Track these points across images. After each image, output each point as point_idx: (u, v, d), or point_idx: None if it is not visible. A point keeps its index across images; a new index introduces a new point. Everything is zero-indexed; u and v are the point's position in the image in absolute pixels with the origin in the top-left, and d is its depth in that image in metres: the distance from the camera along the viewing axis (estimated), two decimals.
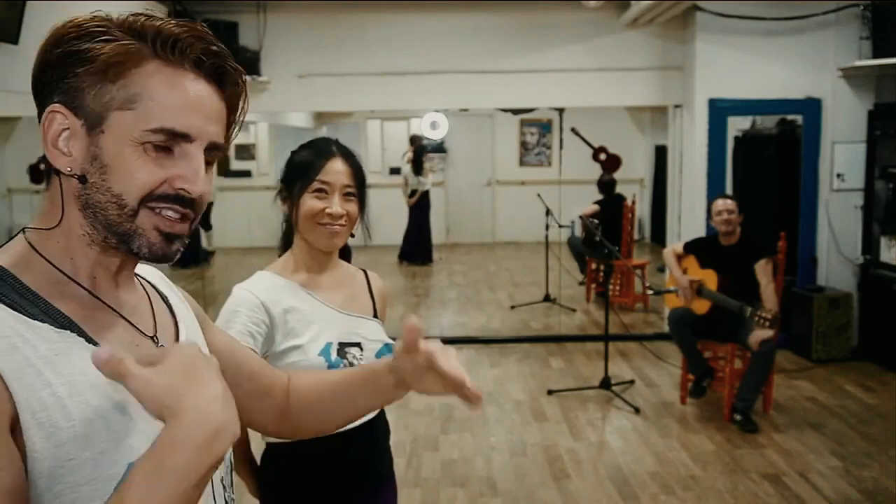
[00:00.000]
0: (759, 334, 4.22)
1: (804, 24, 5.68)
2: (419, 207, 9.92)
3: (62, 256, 0.84)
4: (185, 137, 0.82)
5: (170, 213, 0.83)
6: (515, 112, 10.76)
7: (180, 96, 0.82)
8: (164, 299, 1.00)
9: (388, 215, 10.16)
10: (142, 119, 0.80)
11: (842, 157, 5.73)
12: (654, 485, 3.64)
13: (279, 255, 1.80)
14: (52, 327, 0.78)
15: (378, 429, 1.73)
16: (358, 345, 1.68)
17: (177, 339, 0.96)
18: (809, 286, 5.70)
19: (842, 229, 5.75)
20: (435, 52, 6.10)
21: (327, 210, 1.63)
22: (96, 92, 0.80)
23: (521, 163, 11.86)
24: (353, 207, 1.67)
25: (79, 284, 0.84)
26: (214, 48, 0.85)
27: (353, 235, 1.72)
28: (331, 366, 1.62)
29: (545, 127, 11.71)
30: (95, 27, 0.81)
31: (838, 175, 5.75)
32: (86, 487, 0.75)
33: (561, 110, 8.74)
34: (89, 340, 0.80)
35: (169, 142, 0.81)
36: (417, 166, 9.89)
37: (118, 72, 0.80)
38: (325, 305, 1.69)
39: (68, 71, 0.80)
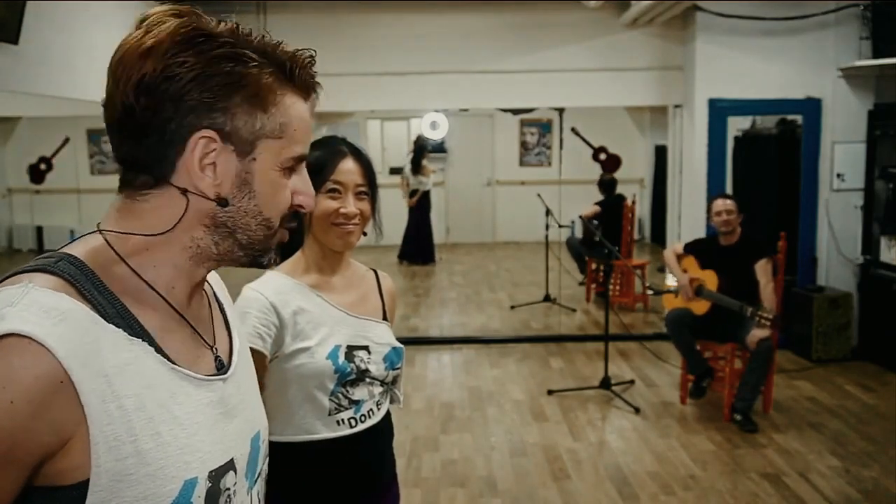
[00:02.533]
0: (757, 333, 4.22)
1: (804, 24, 5.68)
2: (420, 207, 9.92)
3: (146, 263, 0.83)
4: (303, 159, 0.89)
5: (288, 227, 0.90)
6: (515, 112, 10.76)
7: (307, 125, 0.89)
8: (220, 308, 1.01)
9: (389, 215, 10.11)
10: (287, 147, 0.85)
11: (842, 156, 5.73)
12: (654, 485, 3.64)
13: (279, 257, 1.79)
14: (126, 334, 0.77)
15: (383, 430, 1.73)
16: (366, 348, 1.67)
17: (230, 349, 0.96)
18: (809, 286, 5.70)
19: (842, 229, 5.75)
20: (435, 52, 6.10)
21: (342, 210, 1.63)
22: (248, 119, 0.82)
23: (521, 163, 11.86)
24: (366, 206, 1.66)
25: (156, 292, 0.83)
26: (315, 72, 0.92)
27: (365, 234, 1.71)
28: (338, 369, 1.62)
29: (545, 127, 11.71)
30: (238, 47, 0.82)
31: (838, 175, 5.75)
32: (141, 503, 0.74)
33: (561, 110, 8.75)
34: (158, 350, 0.80)
35: (296, 164, 0.88)
36: (416, 166, 9.89)
37: (269, 102, 0.83)
38: (335, 308, 1.68)
39: (215, 92, 0.80)
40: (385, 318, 1.78)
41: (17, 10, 3.45)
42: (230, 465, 0.86)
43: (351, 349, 1.65)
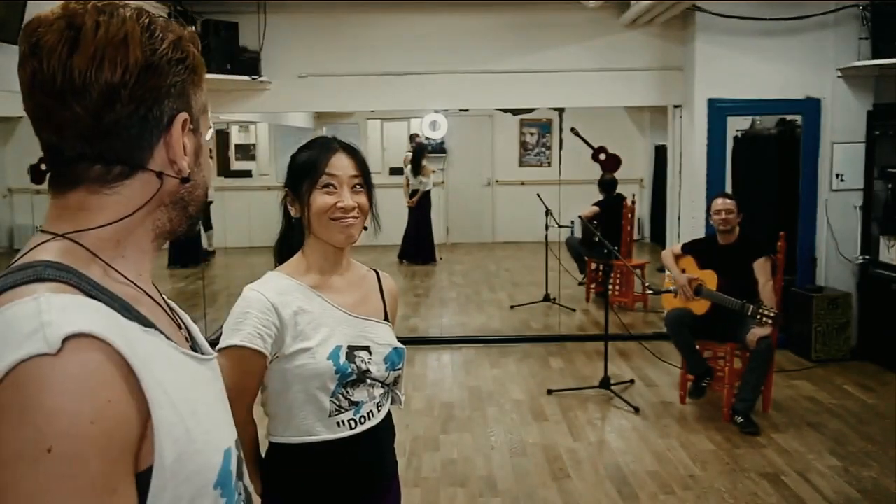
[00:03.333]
0: (757, 332, 4.22)
1: (804, 24, 5.69)
2: (420, 207, 9.93)
3: (117, 256, 0.83)
4: None
5: None
6: (515, 112, 10.76)
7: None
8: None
9: (389, 215, 10.11)
10: (208, 119, 0.91)
11: (841, 157, 5.73)
12: (654, 484, 3.64)
13: (275, 261, 1.78)
14: (140, 326, 0.77)
15: (384, 431, 1.73)
16: (367, 348, 1.67)
17: (188, 334, 0.97)
18: (809, 286, 5.70)
19: (841, 229, 5.76)
20: (435, 52, 6.10)
21: (339, 204, 1.62)
22: (196, 98, 0.87)
23: (521, 163, 11.86)
24: (363, 199, 1.66)
25: (131, 281, 0.83)
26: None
27: (366, 228, 1.70)
28: (338, 370, 1.61)
29: (545, 127, 11.72)
30: (167, 28, 0.84)
31: (837, 175, 5.75)
32: (194, 478, 0.77)
33: (561, 110, 8.75)
34: (167, 337, 0.82)
35: None
36: (416, 166, 9.90)
37: (202, 79, 0.88)
38: (336, 308, 1.67)
39: (178, 77, 0.83)
40: (386, 319, 1.77)
41: (18, 10, 3.45)
42: (236, 442, 0.90)
43: (352, 349, 1.64)
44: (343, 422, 1.63)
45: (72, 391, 0.67)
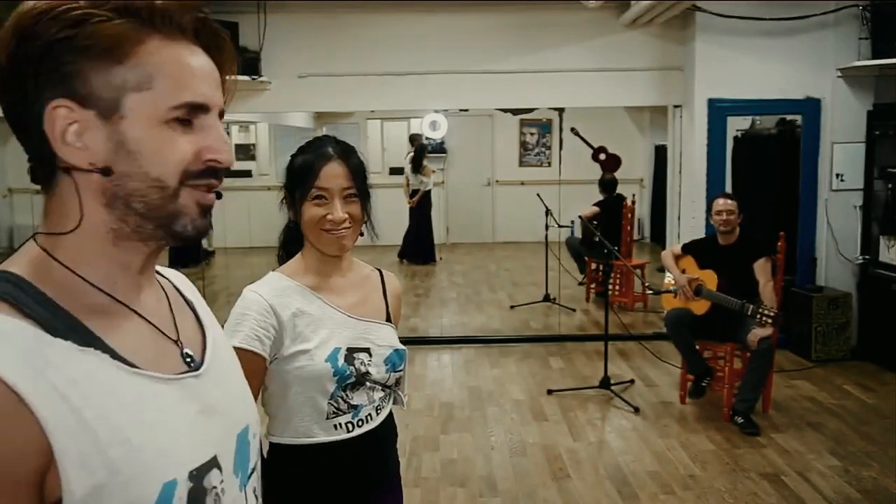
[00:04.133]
0: (758, 332, 4.22)
1: (803, 24, 5.69)
2: (420, 207, 9.94)
3: (81, 261, 0.79)
4: (202, 108, 0.81)
5: (205, 185, 0.82)
6: (515, 112, 10.76)
7: (191, 69, 0.80)
8: (188, 304, 0.97)
9: (389, 215, 10.14)
10: (162, 98, 0.78)
11: (841, 157, 5.73)
12: (654, 484, 3.64)
13: (278, 260, 1.77)
14: (76, 345, 0.74)
15: (384, 433, 1.72)
16: (367, 350, 1.65)
17: (204, 346, 0.92)
18: (809, 286, 5.70)
19: (841, 229, 5.76)
20: (435, 52, 6.10)
21: (328, 217, 1.60)
22: (105, 77, 0.76)
23: (521, 163, 11.86)
24: (355, 209, 1.63)
25: (100, 290, 0.80)
26: (202, 15, 0.82)
27: (362, 234, 1.69)
28: (336, 372, 1.60)
29: (545, 127, 11.72)
30: (73, 10, 0.75)
31: (837, 175, 5.75)
32: None
33: (561, 110, 8.74)
34: (115, 356, 0.77)
35: (190, 115, 0.80)
36: (417, 165, 9.91)
37: (124, 53, 0.76)
38: (335, 309, 1.65)
39: (60, 61, 0.75)
40: (388, 320, 1.75)
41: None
42: (213, 463, 0.83)
43: (351, 351, 1.63)
44: (340, 424, 1.63)
45: None
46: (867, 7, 5.49)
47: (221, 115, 0.85)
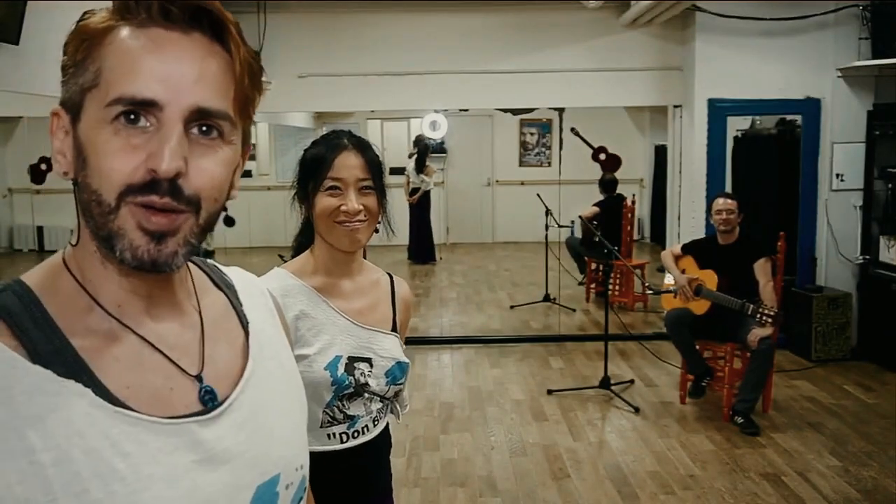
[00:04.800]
0: (758, 332, 4.22)
1: (804, 24, 5.69)
2: (419, 207, 9.96)
3: (85, 277, 0.73)
4: (152, 105, 0.67)
5: (142, 202, 0.67)
6: (515, 112, 10.76)
7: (139, 55, 0.67)
8: (244, 328, 0.84)
9: (392, 215, 10.16)
10: (102, 94, 0.67)
11: (841, 157, 5.73)
12: (654, 484, 3.64)
13: (291, 256, 1.69)
14: (54, 375, 0.65)
15: (379, 444, 1.64)
16: (368, 360, 1.56)
17: (238, 380, 0.79)
18: (809, 286, 5.70)
19: (841, 229, 5.76)
20: (435, 52, 6.10)
21: (342, 207, 1.52)
22: (75, 76, 0.70)
23: (521, 163, 11.86)
24: (371, 201, 1.55)
25: (105, 311, 0.72)
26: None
27: (376, 231, 1.59)
28: (335, 381, 1.51)
29: (545, 127, 11.72)
30: (81, 20, 0.72)
31: (837, 175, 5.75)
32: None
33: (561, 110, 8.74)
34: (100, 390, 0.67)
35: (140, 116, 0.67)
36: (420, 164, 9.95)
37: (86, 48, 0.69)
38: (340, 315, 1.56)
39: (65, 68, 0.72)
40: (394, 329, 1.65)
41: (18, 10, 3.45)
42: None
43: (352, 360, 1.55)
44: (334, 434, 1.55)
45: None
46: (867, 7, 5.49)
47: (211, 113, 0.70)
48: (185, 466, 0.70)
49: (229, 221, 1.47)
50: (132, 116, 0.67)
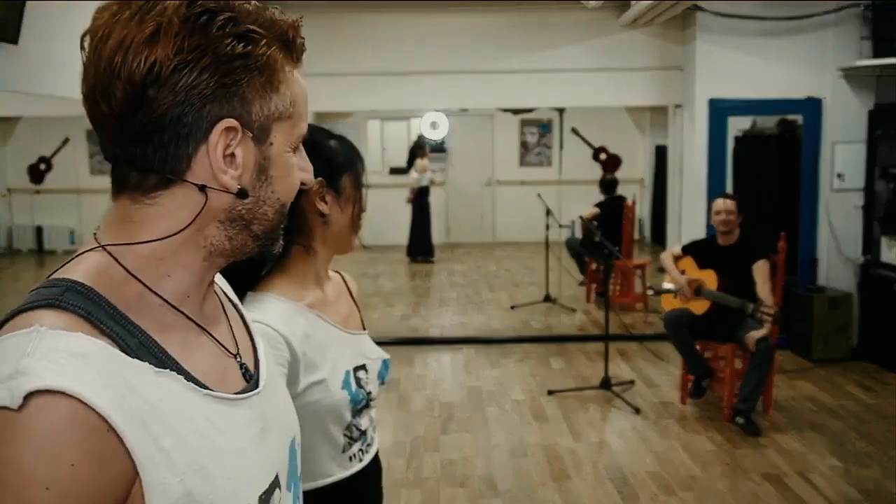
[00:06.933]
0: (754, 334, 4.22)
1: (804, 24, 5.68)
2: (416, 204, 9.97)
3: (160, 275, 0.75)
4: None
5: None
6: (515, 112, 10.77)
7: (307, 97, 0.82)
8: (237, 310, 0.94)
9: (390, 215, 10.19)
10: (295, 125, 0.79)
11: (842, 157, 5.73)
12: (654, 485, 3.64)
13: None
14: (153, 367, 0.70)
15: (378, 459, 1.56)
16: (364, 367, 1.48)
17: (255, 356, 0.89)
18: (810, 286, 5.70)
19: (842, 229, 5.75)
20: (435, 52, 6.10)
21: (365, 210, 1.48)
22: (263, 102, 0.75)
23: (522, 163, 11.87)
24: None
25: (172, 306, 0.76)
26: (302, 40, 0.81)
27: None
28: (353, 398, 1.41)
29: (545, 127, 11.72)
30: (242, 22, 0.72)
31: (838, 175, 5.75)
32: None
33: (561, 110, 8.75)
34: (188, 377, 0.74)
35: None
36: (409, 163, 9.99)
37: (279, 80, 0.76)
38: (334, 327, 1.46)
39: (238, 80, 0.72)
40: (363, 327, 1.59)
41: (17, 10, 3.44)
42: (276, 483, 0.81)
43: (355, 371, 1.45)
44: (354, 455, 1.45)
45: (29, 452, 0.61)
46: (868, 7, 5.48)
47: None
48: (257, 436, 0.80)
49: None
50: None
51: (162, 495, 0.67)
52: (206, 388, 0.75)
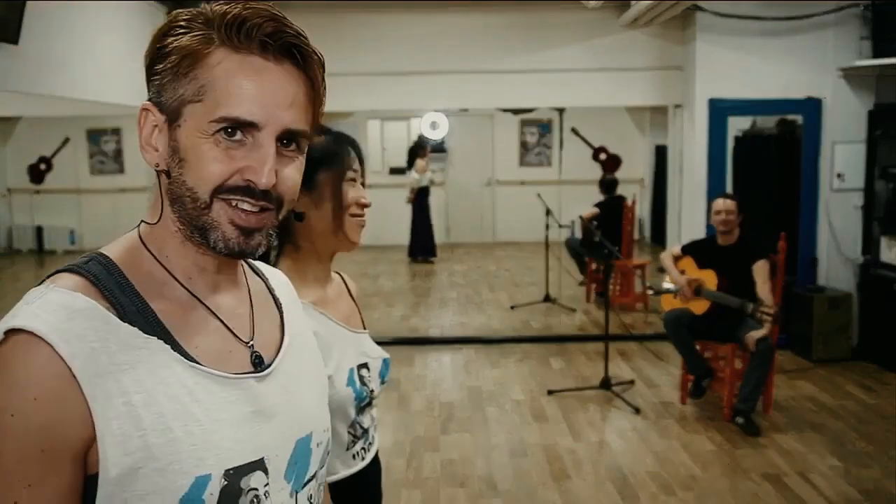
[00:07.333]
0: (754, 334, 4.22)
1: (804, 24, 5.68)
2: (416, 204, 9.97)
3: (164, 253, 0.85)
4: (251, 126, 0.80)
5: (245, 205, 0.81)
6: (515, 112, 10.77)
7: (244, 83, 0.80)
8: (278, 306, 0.99)
9: (390, 215, 10.19)
10: (208, 110, 0.80)
11: (842, 157, 5.73)
12: (654, 485, 3.64)
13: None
14: (140, 332, 0.79)
15: (377, 455, 1.57)
16: (366, 365, 1.49)
17: (278, 350, 0.93)
18: (809, 286, 5.70)
19: (842, 229, 5.76)
20: (435, 52, 6.10)
21: (362, 199, 1.45)
22: (173, 87, 0.81)
23: (522, 163, 11.87)
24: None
25: (178, 281, 0.85)
26: (287, 29, 0.81)
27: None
28: (357, 395, 1.44)
29: (545, 127, 11.72)
30: (180, 22, 0.82)
31: (838, 175, 5.75)
32: (151, 497, 0.75)
33: (561, 110, 8.74)
34: (176, 347, 0.81)
35: (238, 131, 0.80)
36: (409, 163, 9.99)
37: (188, 64, 0.80)
38: (338, 325, 1.47)
39: (155, 68, 0.82)
40: (363, 326, 1.60)
41: (17, 10, 3.44)
42: (257, 465, 0.84)
43: (359, 369, 1.47)
44: (357, 453, 1.48)
45: (1, 379, 0.73)
46: (868, 7, 5.48)
47: (296, 134, 0.83)
48: (245, 415, 0.84)
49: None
50: (229, 130, 0.80)
51: (119, 445, 0.74)
52: (193, 360, 0.81)
